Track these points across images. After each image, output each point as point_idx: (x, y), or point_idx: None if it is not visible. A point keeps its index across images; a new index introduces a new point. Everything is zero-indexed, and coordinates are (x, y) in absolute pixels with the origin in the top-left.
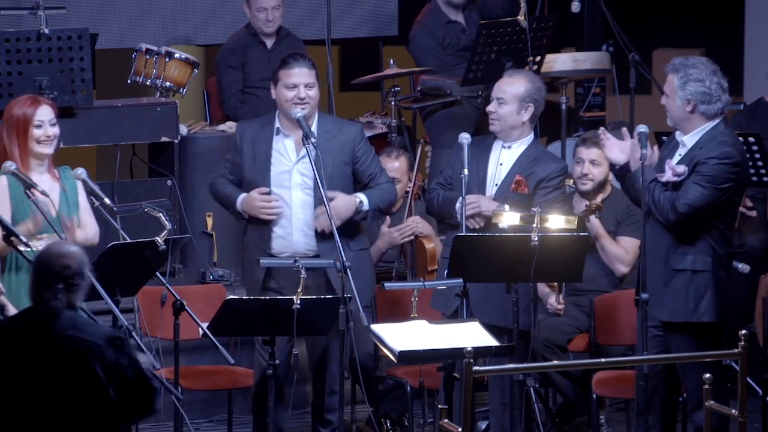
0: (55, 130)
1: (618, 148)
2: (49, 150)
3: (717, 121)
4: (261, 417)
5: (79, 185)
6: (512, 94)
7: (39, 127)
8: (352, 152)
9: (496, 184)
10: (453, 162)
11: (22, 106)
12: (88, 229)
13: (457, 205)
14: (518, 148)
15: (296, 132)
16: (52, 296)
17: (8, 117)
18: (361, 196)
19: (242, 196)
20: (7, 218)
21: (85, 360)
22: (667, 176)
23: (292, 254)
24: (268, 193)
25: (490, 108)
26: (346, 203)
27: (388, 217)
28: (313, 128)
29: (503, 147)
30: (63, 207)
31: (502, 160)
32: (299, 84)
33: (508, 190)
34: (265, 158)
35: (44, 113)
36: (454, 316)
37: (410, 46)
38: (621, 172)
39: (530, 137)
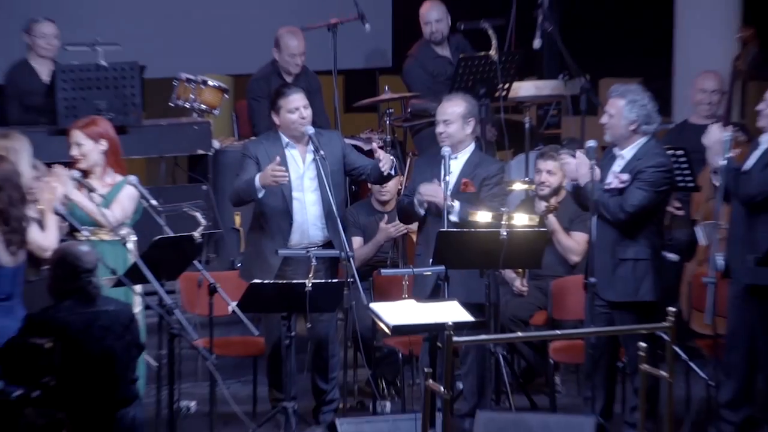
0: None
1: (572, 167)
2: (84, 165)
3: (649, 137)
4: (276, 377)
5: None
6: (456, 113)
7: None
8: (341, 154)
9: (450, 189)
10: (421, 172)
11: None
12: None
13: (417, 196)
14: (463, 156)
15: (299, 144)
16: (88, 284)
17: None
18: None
19: (259, 174)
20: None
21: (128, 324)
22: (614, 184)
23: (307, 244)
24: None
25: (438, 129)
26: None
27: (386, 216)
28: (319, 138)
29: (451, 158)
30: (103, 206)
31: (452, 168)
32: (299, 106)
33: (458, 191)
34: (292, 163)
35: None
36: (432, 297)
37: (403, 75)
38: (574, 185)
39: (472, 146)
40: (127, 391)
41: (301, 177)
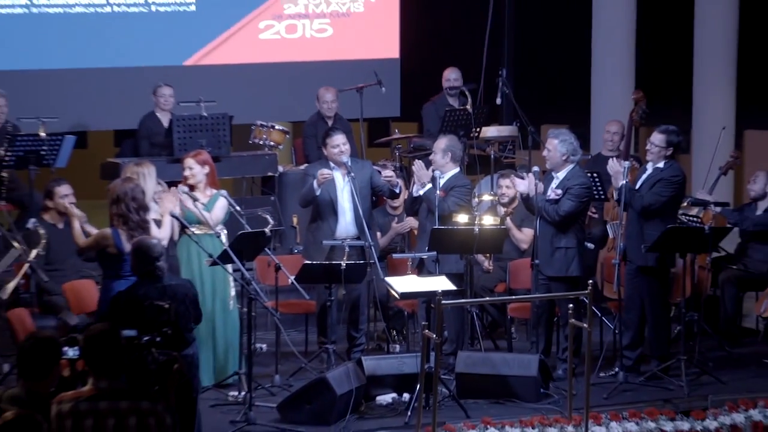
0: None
1: (522, 185)
2: (192, 182)
3: (575, 164)
4: (323, 329)
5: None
6: (440, 147)
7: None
8: (369, 177)
9: (434, 194)
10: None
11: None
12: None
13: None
14: (445, 176)
15: (340, 169)
16: (158, 268)
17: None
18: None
19: (315, 180)
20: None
21: (189, 294)
22: (552, 196)
23: (344, 237)
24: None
25: (431, 158)
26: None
27: (396, 218)
28: (348, 163)
29: (439, 177)
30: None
31: (440, 183)
32: (339, 144)
33: (440, 198)
34: (331, 183)
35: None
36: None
37: (423, 114)
38: (524, 196)
39: (456, 170)
40: (188, 337)
41: (341, 191)
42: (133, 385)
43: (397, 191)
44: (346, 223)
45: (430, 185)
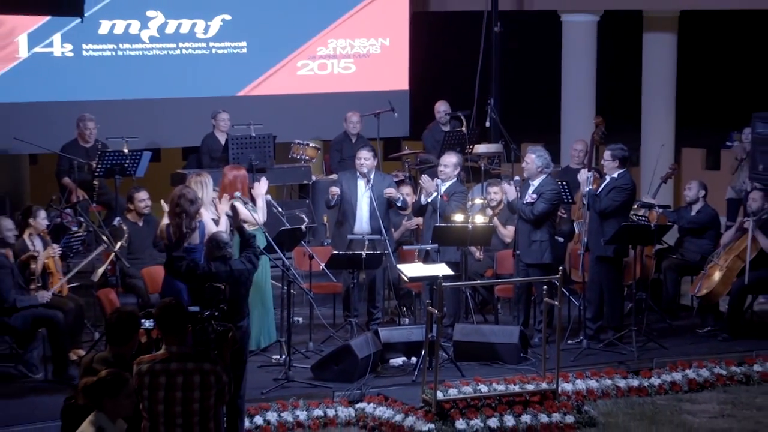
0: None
1: (509, 191)
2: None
3: (547, 175)
4: (348, 305)
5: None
6: (452, 162)
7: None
8: (387, 187)
9: (438, 197)
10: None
11: (239, 169)
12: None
13: (422, 198)
14: (447, 183)
15: (363, 178)
16: (227, 253)
17: (232, 173)
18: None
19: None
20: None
21: (247, 275)
22: (529, 200)
23: (364, 232)
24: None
25: (440, 169)
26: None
27: (405, 217)
28: (372, 176)
29: (441, 184)
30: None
31: (441, 190)
32: (362, 157)
33: (442, 201)
34: (354, 189)
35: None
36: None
37: (423, 137)
38: (508, 201)
39: (455, 179)
40: (243, 311)
41: (362, 196)
42: (197, 350)
43: (399, 204)
44: (362, 222)
45: (435, 194)
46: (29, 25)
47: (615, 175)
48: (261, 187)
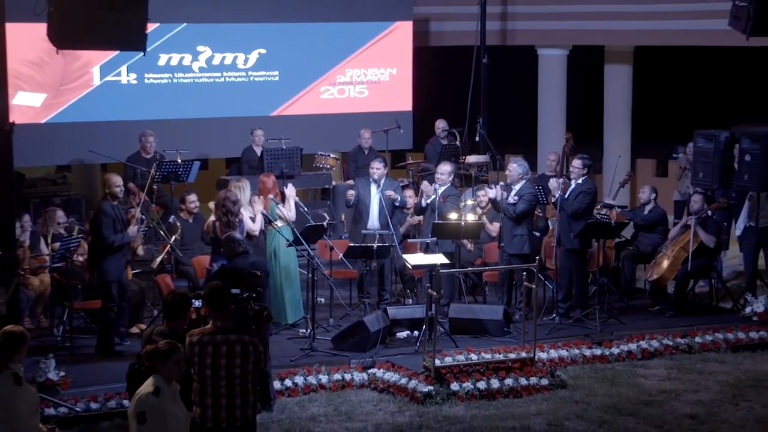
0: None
1: (492, 192)
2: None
3: (527, 180)
4: (362, 288)
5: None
6: (447, 170)
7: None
8: (394, 198)
9: (437, 198)
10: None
11: (270, 176)
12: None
13: (423, 201)
14: (442, 188)
15: (374, 184)
16: (246, 250)
17: (266, 179)
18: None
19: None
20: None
21: (264, 267)
22: (511, 201)
23: (375, 228)
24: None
25: (437, 176)
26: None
27: (409, 215)
28: (382, 182)
29: (437, 188)
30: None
31: (438, 193)
32: (374, 166)
33: (439, 203)
34: (367, 192)
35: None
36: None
37: (425, 150)
38: (493, 200)
39: (449, 184)
40: (264, 297)
41: (373, 198)
42: (238, 325)
43: (398, 204)
44: (372, 220)
45: (434, 196)
46: (101, 59)
47: (580, 181)
48: (290, 191)
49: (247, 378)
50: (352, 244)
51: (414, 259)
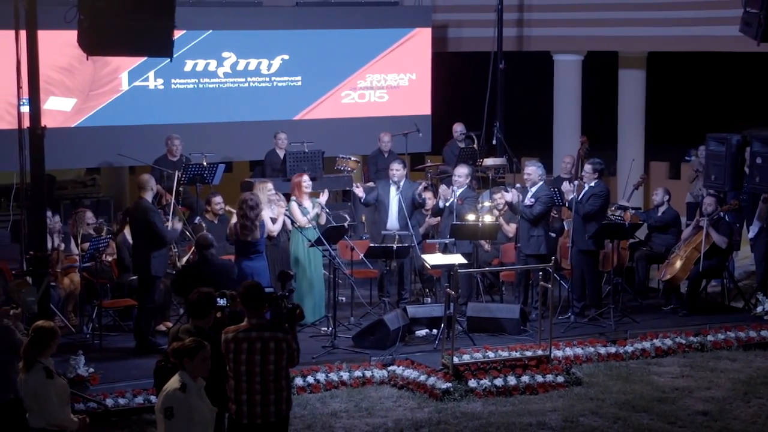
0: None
1: (508, 196)
2: (308, 191)
3: (542, 182)
4: (382, 287)
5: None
6: (464, 173)
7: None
8: (412, 193)
9: (455, 201)
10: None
11: (300, 176)
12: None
13: (440, 202)
14: (459, 190)
15: (394, 185)
16: (210, 254)
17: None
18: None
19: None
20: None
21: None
22: (528, 203)
23: (390, 229)
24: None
25: (454, 179)
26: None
27: (427, 215)
28: (402, 183)
29: (455, 190)
30: (306, 212)
31: (456, 195)
32: (393, 168)
33: (457, 204)
34: (387, 194)
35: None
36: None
37: (443, 153)
38: (510, 203)
39: (465, 186)
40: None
41: (392, 199)
42: (272, 322)
43: (421, 201)
44: (391, 220)
45: (452, 199)
46: (130, 65)
47: (592, 184)
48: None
49: (280, 374)
50: (373, 245)
51: (433, 259)
